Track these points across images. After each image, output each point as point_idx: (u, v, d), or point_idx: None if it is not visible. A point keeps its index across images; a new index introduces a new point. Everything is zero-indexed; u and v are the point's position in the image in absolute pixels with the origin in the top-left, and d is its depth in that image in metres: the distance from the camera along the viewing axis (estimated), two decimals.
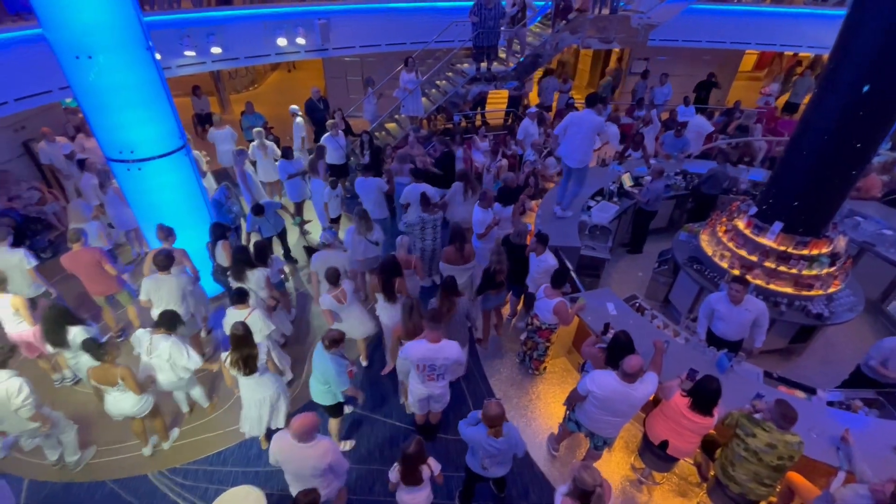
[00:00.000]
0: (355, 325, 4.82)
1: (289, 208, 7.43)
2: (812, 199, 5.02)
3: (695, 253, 5.96)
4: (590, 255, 6.14)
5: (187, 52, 8.08)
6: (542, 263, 5.05)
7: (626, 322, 4.68)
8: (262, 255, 5.11)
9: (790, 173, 5.16)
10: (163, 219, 5.13)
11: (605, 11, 9.42)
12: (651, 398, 3.71)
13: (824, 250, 5.13)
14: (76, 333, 4.22)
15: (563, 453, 4.55)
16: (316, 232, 7.57)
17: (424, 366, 3.83)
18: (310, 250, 6.98)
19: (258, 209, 6.10)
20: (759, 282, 5.21)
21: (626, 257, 7.36)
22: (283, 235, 6.67)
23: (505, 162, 8.25)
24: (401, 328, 4.18)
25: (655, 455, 3.82)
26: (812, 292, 5.16)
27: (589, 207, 6.87)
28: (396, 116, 9.91)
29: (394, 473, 3.33)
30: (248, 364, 3.81)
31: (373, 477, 4.33)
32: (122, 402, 3.95)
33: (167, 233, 4.91)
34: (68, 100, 8.14)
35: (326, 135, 7.96)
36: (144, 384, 4.03)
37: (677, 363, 4.20)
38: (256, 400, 4.03)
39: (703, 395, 3.42)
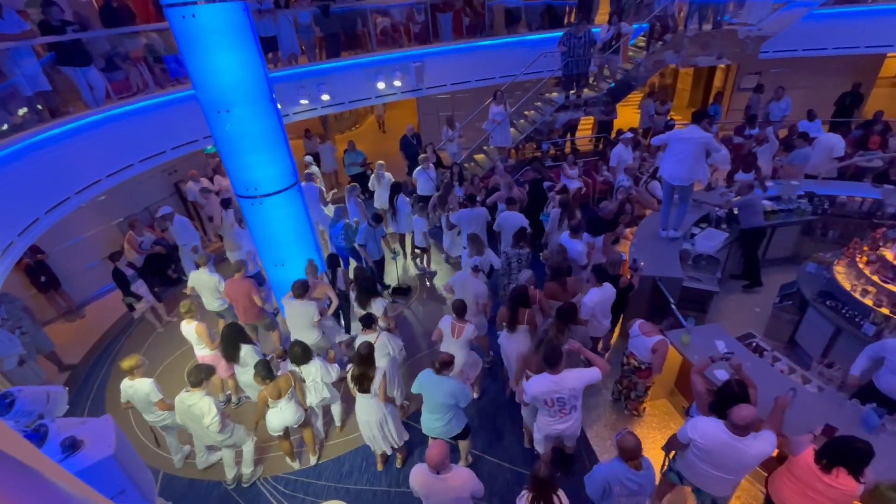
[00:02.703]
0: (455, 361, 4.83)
1: (391, 241, 8.01)
2: None
3: (828, 287, 5.15)
4: (695, 286, 5.60)
5: (302, 101, 9.18)
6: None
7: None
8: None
9: None
10: (277, 246, 5.77)
11: (708, 27, 8.90)
12: (774, 453, 3.21)
13: None
14: (246, 351, 4.75)
15: None
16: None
17: (552, 400, 3.65)
18: (399, 290, 7.31)
19: (378, 218, 6.63)
20: None
21: (737, 291, 6.58)
22: (380, 263, 7.10)
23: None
24: (529, 360, 4.10)
25: None
26: None
27: (692, 235, 6.33)
28: (485, 148, 10.16)
29: (523, 501, 3.05)
30: (361, 382, 4.05)
31: None
32: (286, 411, 4.31)
33: (314, 270, 5.50)
34: (209, 146, 9.68)
35: (418, 168, 8.44)
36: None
37: (807, 415, 3.61)
38: (364, 420, 4.25)
39: (842, 455, 2.87)
